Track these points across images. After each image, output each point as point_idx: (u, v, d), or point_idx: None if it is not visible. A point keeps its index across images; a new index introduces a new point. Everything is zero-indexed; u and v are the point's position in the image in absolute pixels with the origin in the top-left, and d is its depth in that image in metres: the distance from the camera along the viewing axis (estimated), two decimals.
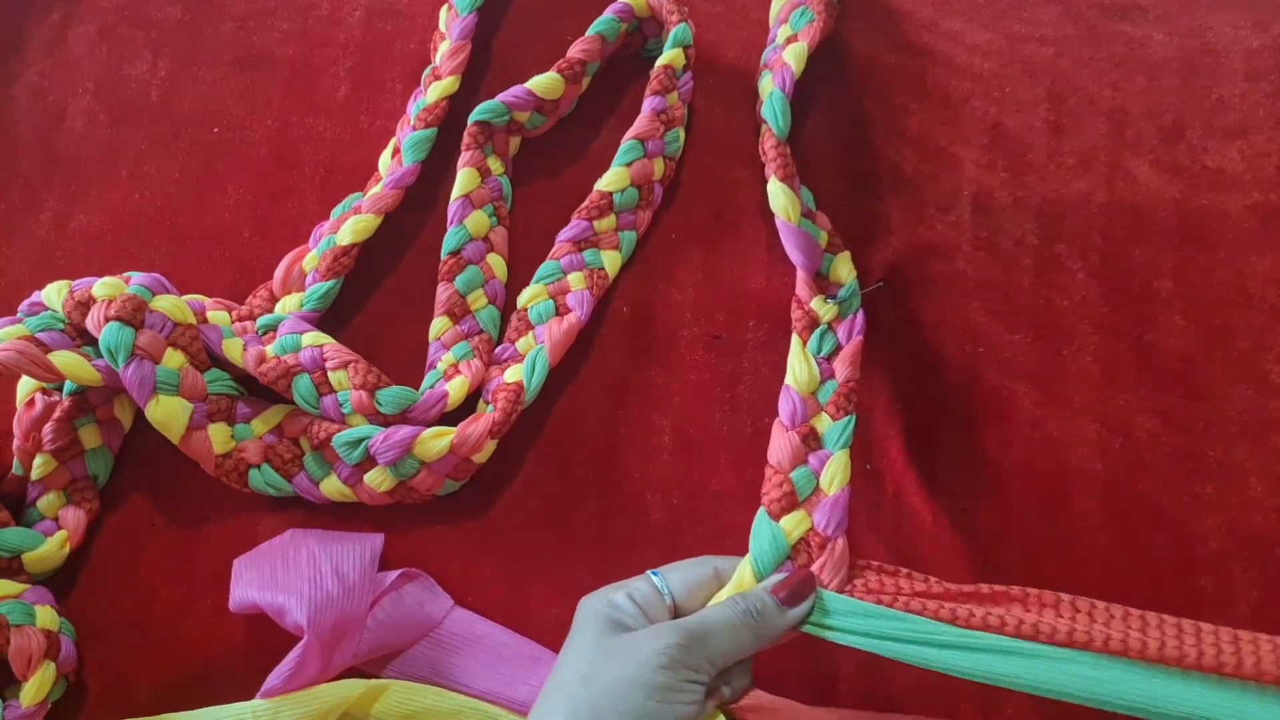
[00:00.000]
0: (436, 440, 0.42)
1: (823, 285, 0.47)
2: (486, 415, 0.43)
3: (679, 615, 0.36)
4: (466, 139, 0.49)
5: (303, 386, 0.43)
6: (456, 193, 0.48)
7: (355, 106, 0.52)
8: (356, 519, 0.44)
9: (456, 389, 0.44)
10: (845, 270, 0.47)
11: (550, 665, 0.41)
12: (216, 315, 0.45)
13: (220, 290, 0.48)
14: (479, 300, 0.47)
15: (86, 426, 0.44)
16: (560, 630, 0.42)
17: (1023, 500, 0.45)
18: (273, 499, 0.44)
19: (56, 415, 0.44)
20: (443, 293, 0.47)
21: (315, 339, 0.44)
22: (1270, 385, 0.46)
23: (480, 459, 0.43)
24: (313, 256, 0.47)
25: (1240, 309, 0.48)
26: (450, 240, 0.47)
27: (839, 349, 0.45)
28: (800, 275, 0.46)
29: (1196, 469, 0.45)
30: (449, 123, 0.50)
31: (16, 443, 0.44)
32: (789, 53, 0.48)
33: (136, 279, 0.43)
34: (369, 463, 0.42)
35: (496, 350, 0.47)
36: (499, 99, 0.49)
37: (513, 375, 0.44)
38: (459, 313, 0.47)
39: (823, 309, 0.45)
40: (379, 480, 0.42)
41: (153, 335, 0.41)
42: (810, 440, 0.42)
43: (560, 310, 0.46)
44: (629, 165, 0.49)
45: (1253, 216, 0.50)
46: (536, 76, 0.49)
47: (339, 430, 0.42)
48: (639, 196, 0.49)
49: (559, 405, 0.46)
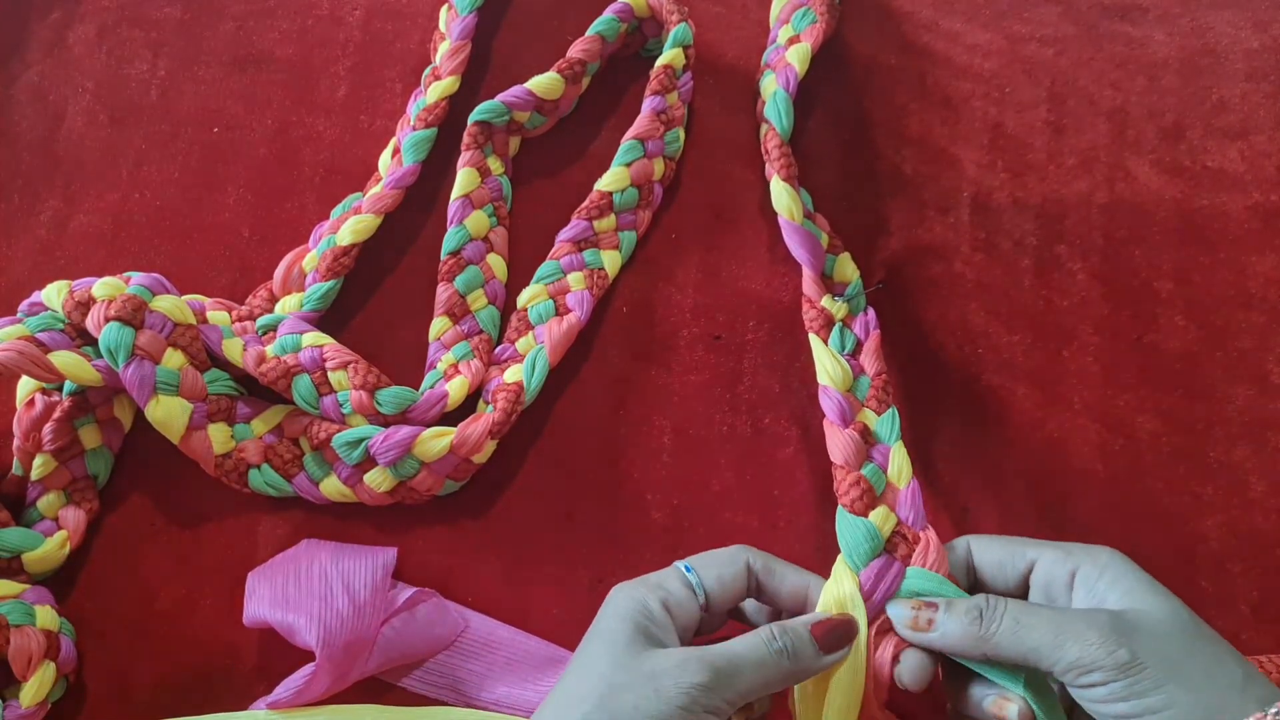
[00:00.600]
0: (436, 440, 0.42)
1: (828, 285, 0.47)
2: (486, 415, 0.43)
3: (709, 613, 0.35)
4: (466, 139, 0.49)
5: (303, 387, 0.43)
6: (456, 193, 0.48)
7: (355, 106, 0.52)
8: (356, 519, 0.44)
9: (456, 389, 0.44)
10: (849, 269, 0.47)
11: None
12: (216, 315, 0.45)
13: (220, 290, 0.48)
14: (479, 300, 0.47)
15: (86, 426, 0.44)
16: (560, 630, 0.42)
17: (1023, 500, 0.45)
18: (273, 499, 0.44)
19: (56, 415, 0.44)
20: (443, 293, 0.47)
21: (315, 339, 0.44)
22: (1270, 385, 0.46)
23: (480, 459, 0.43)
24: (313, 256, 0.47)
25: (1240, 309, 0.48)
26: (450, 240, 0.47)
27: (860, 345, 0.45)
28: (807, 274, 0.46)
29: (1196, 469, 0.45)
30: (449, 123, 0.50)
31: (16, 443, 0.44)
32: (792, 53, 0.48)
33: (136, 279, 0.43)
34: (369, 463, 0.42)
35: (496, 350, 0.47)
36: (499, 99, 0.49)
37: (513, 375, 0.44)
38: (459, 313, 0.47)
39: (834, 307, 0.45)
40: (379, 480, 0.42)
41: (153, 335, 0.41)
42: (866, 436, 0.41)
43: (560, 310, 0.46)
44: (629, 165, 0.49)
45: (1253, 217, 0.50)
46: (536, 76, 0.49)
47: (339, 430, 0.42)
48: (639, 196, 0.49)
49: (559, 405, 0.46)
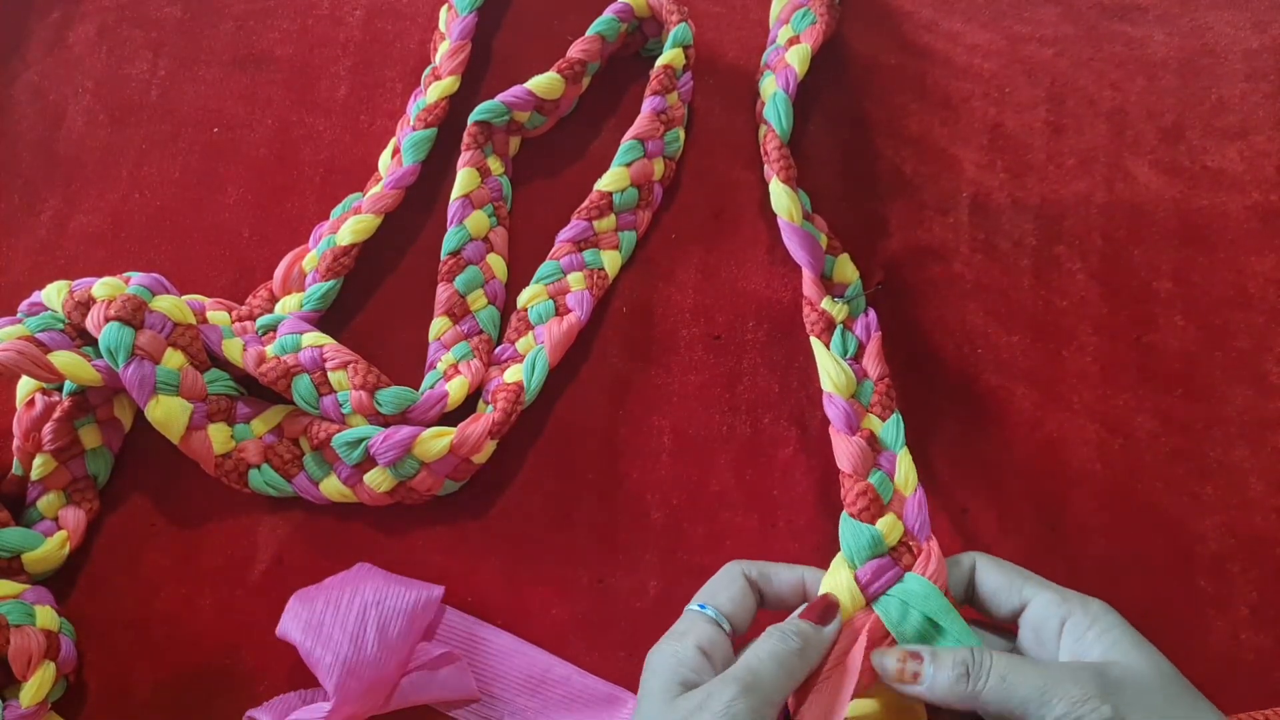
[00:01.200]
0: (436, 440, 0.42)
1: (827, 286, 0.47)
2: (486, 415, 0.43)
3: (738, 635, 0.36)
4: (466, 139, 0.49)
5: (303, 387, 0.43)
6: (456, 193, 0.48)
7: (355, 106, 0.52)
8: (356, 519, 0.44)
9: (456, 389, 0.44)
10: (849, 270, 0.47)
11: (625, 706, 0.40)
12: (216, 315, 0.45)
13: (220, 290, 0.48)
14: (479, 300, 0.47)
15: (86, 426, 0.44)
16: (561, 631, 0.43)
17: (1023, 500, 0.45)
18: (273, 499, 0.44)
19: (56, 415, 0.44)
20: (443, 293, 0.47)
21: (315, 339, 0.44)
22: (1270, 385, 0.46)
23: (480, 459, 0.43)
24: (313, 256, 0.47)
25: (1240, 309, 0.48)
26: (450, 240, 0.47)
27: (862, 348, 0.44)
28: (806, 275, 0.46)
29: (1196, 469, 0.45)
30: (449, 123, 0.50)
31: (16, 443, 0.44)
32: (792, 54, 0.48)
33: (136, 279, 0.43)
34: (369, 463, 0.42)
35: (496, 350, 0.47)
36: (499, 99, 0.49)
37: (513, 375, 0.44)
38: (459, 313, 0.47)
39: (834, 308, 0.45)
40: (379, 480, 0.42)
41: (153, 335, 0.41)
42: (873, 443, 0.41)
43: (560, 310, 0.47)
44: (629, 165, 0.49)
45: (1253, 217, 0.50)
46: (536, 76, 0.49)
47: (339, 430, 0.42)
48: (639, 196, 0.49)
49: (559, 405, 0.46)
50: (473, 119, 0.49)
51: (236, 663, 0.42)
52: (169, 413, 0.41)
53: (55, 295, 0.42)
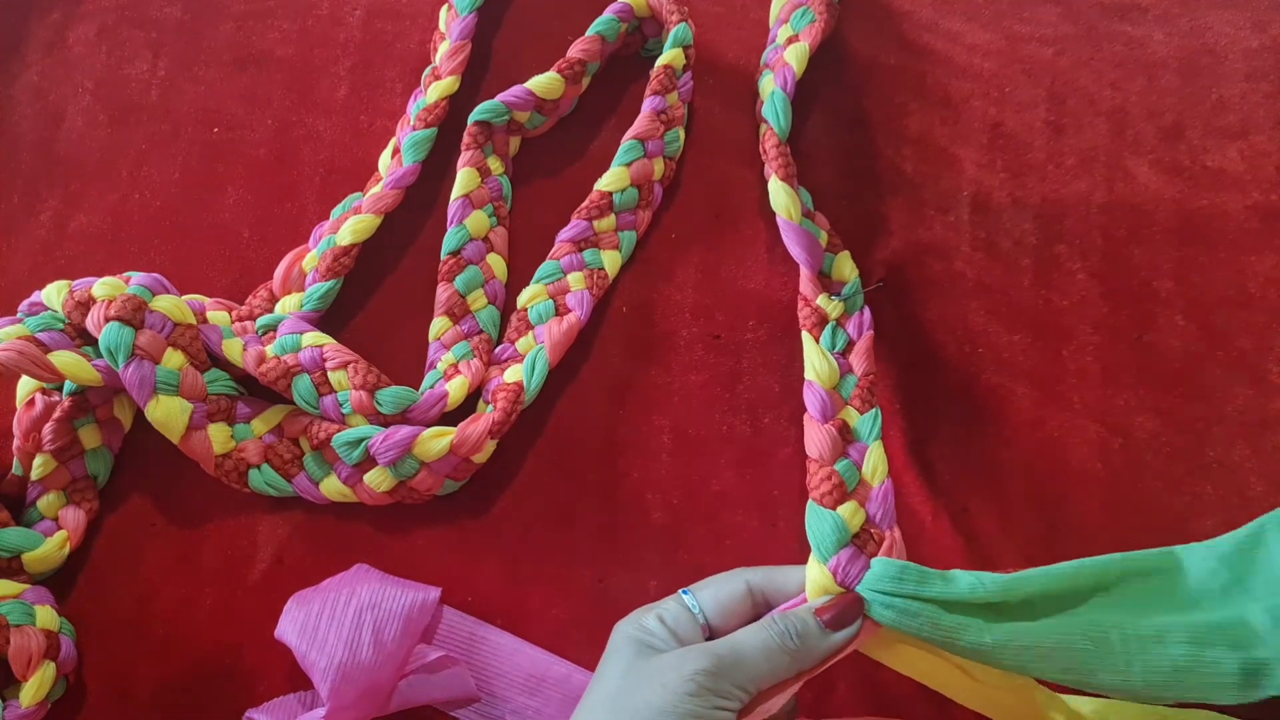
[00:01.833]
0: (436, 440, 0.42)
1: (825, 284, 0.47)
2: (486, 415, 0.43)
3: (714, 636, 0.34)
4: (466, 139, 0.49)
5: (303, 386, 0.43)
6: (456, 193, 0.48)
7: (355, 106, 0.52)
8: (356, 519, 0.44)
9: (456, 389, 0.44)
10: (848, 268, 0.47)
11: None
12: (216, 315, 0.45)
13: (220, 290, 0.48)
14: (479, 300, 0.47)
15: (86, 426, 0.44)
16: (560, 630, 0.43)
17: (1023, 500, 0.45)
18: (273, 499, 0.44)
19: (56, 415, 0.44)
20: (443, 293, 0.47)
21: (315, 339, 0.44)
22: (1270, 385, 0.46)
23: (480, 459, 0.43)
24: (313, 256, 0.47)
25: (1240, 309, 0.48)
26: (450, 240, 0.47)
27: (851, 344, 0.45)
28: (804, 273, 0.46)
29: (1196, 469, 0.45)
30: (449, 123, 0.50)
31: (16, 443, 0.44)
32: (790, 53, 0.48)
33: (136, 279, 0.43)
34: (369, 463, 0.42)
35: (496, 350, 0.47)
36: (499, 99, 0.49)
37: (513, 375, 0.44)
38: (459, 313, 0.47)
39: (829, 306, 0.45)
40: (379, 480, 0.42)
41: (153, 335, 0.41)
42: (845, 433, 0.41)
43: (560, 310, 0.47)
44: (629, 165, 0.49)
45: (1253, 216, 0.50)
46: (536, 76, 0.49)
47: (339, 430, 0.42)
48: (639, 196, 0.49)
49: (559, 405, 0.46)
50: (473, 119, 0.49)
51: (236, 663, 0.42)
52: (169, 413, 0.41)
53: (55, 295, 0.42)
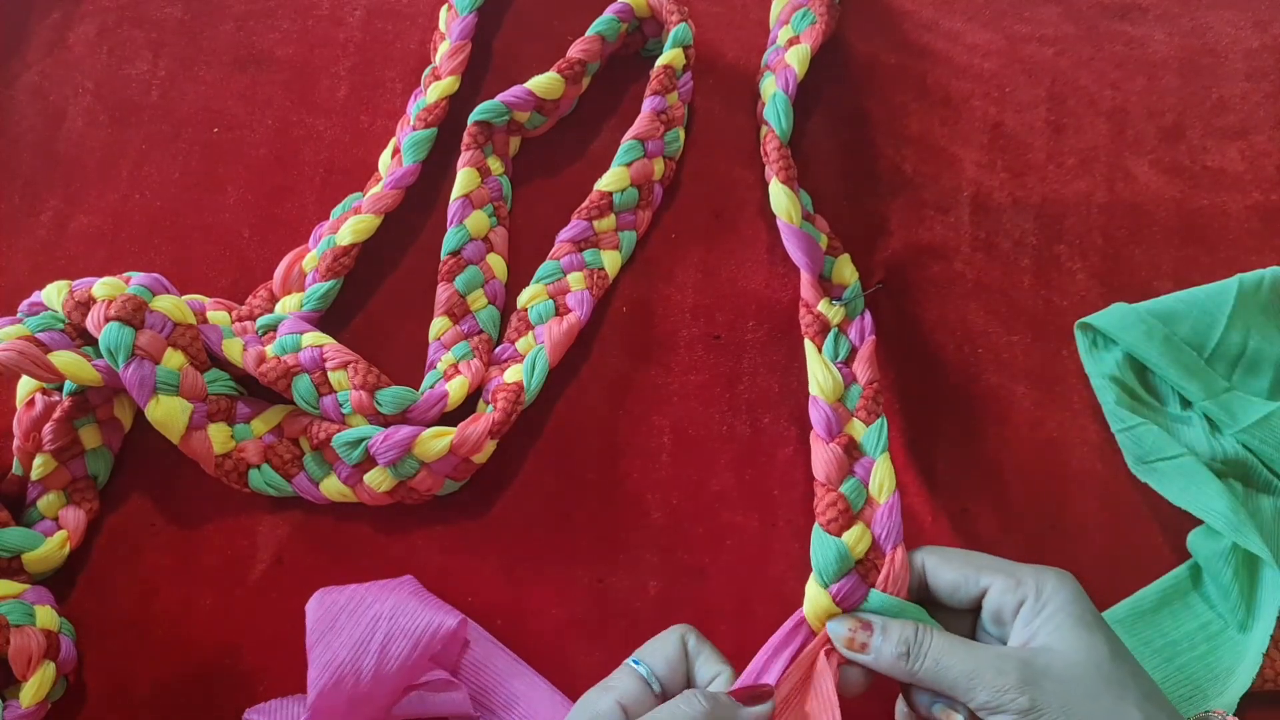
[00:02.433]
0: (436, 440, 0.42)
1: (826, 287, 0.47)
2: (486, 415, 0.43)
3: (668, 695, 0.35)
4: (466, 139, 0.49)
5: (303, 386, 0.43)
6: (456, 193, 0.48)
7: (355, 106, 0.52)
8: (356, 519, 0.44)
9: (456, 389, 0.44)
10: (848, 271, 0.47)
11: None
12: (216, 315, 0.45)
13: (220, 290, 0.48)
14: (479, 300, 0.47)
15: (86, 426, 0.44)
16: (560, 630, 0.43)
17: (1023, 500, 0.45)
18: (273, 499, 0.44)
19: (56, 415, 0.44)
20: (443, 293, 0.47)
21: (315, 339, 0.44)
22: None
23: (480, 459, 0.43)
24: (313, 256, 0.47)
25: None
26: (450, 240, 0.47)
27: (854, 351, 0.44)
28: (804, 278, 0.46)
29: None
30: (449, 123, 0.50)
31: (16, 443, 0.44)
32: (791, 55, 0.48)
33: (136, 279, 0.43)
34: (369, 463, 0.42)
35: (496, 350, 0.47)
36: (499, 99, 0.49)
37: (513, 375, 0.44)
38: (459, 313, 0.47)
39: (830, 311, 0.45)
40: (379, 480, 0.42)
41: (153, 335, 0.41)
42: (851, 449, 0.41)
43: (560, 310, 0.46)
44: (629, 165, 0.49)
45: (1253, 216, 0.50)
46: (536, 76, 0.49)
47: (339, 430, 0.42)
48: (639, 196, 0.49)
49: (559, 405, 0.46)
50: (473, 119, 0.49)
51: (236, 663, 0.42)
52: (169, 413, 0.41)
53: (55, 295, 0.42)
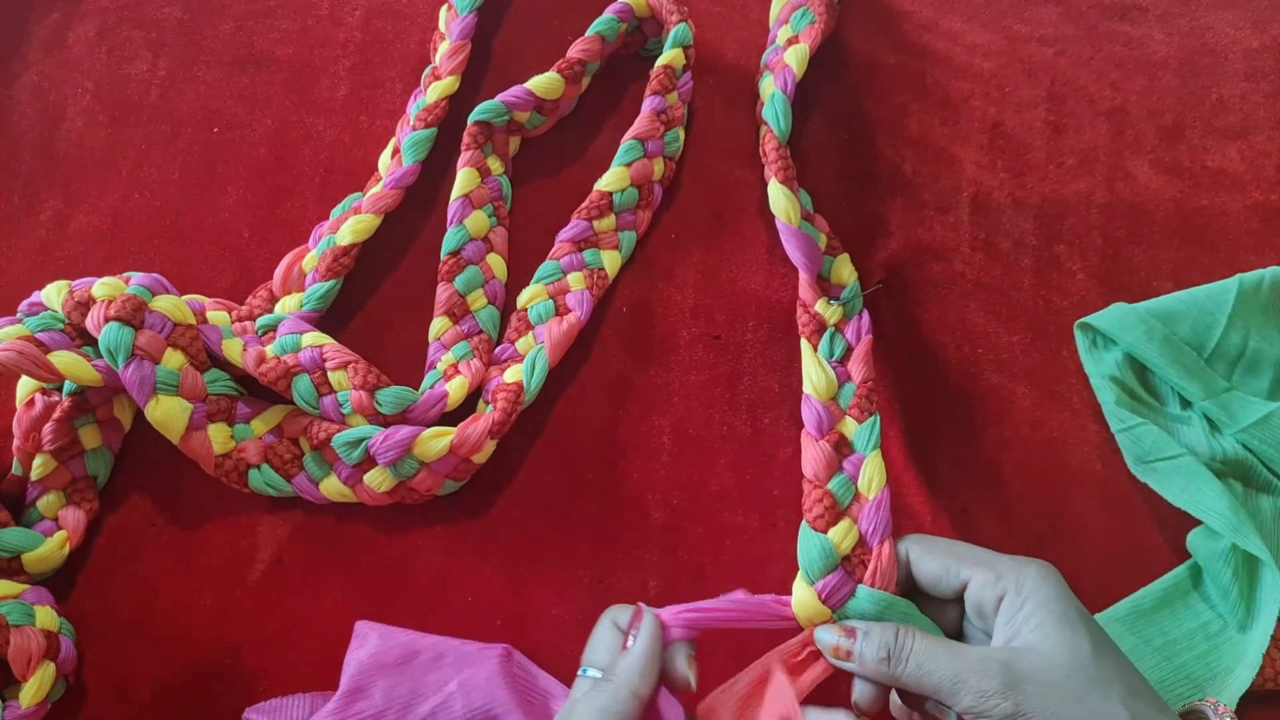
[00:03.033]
0: (436, 440, 0.42)
1: (824, 287, 0.47)
2: (486, 415, 0.43)
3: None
4: (466, 139, 0.49)
5: (302, 387, 0.43)
6: (456, 193, 0.48)
7: (355, 106, 0.52)
8: (356, 519, 0.44)
9: (456, 389, 0.44)
10: (846, 271, 0.47)
11: None
12: (216, 315, 0.45)
13: (220, 290, 0.48)
14: (479, 300, 0.47)
15: (86, 426, 0.44)
16: (560, 630, 0.43)
17: (1023, 500, 0.45)
18: (273, 499, 0.44)
19: (56, 415, 0.44)
20: (443, 293, 0.47)
21: (315, 339, 0.44)
22: None
23: (480, 459, 0.43)
24: (313, 256, 0.47)
25: None
26: (450, 240, 0.47)
27: (850, 350, 0.45)
28: (803, 278, 0.46)
29: None
30: (449, 123, 0.50)
31: (16, 443, 0.44)
32: (790, 54, 0.48)
33: (136, 279, 0.43)
34: (369, 463, 0.42)
35: (496, 350, 0.47)
36: (499, 99, 0.49)
37: (513, 375, 0.44)
38: (459, 313, 0.47)
39: (828, 311, 0.45)
40: (379, 480, 0.42)
41: (153, 335, 0.41)
42: (841, 447, 0.41)
43: (560, 310, 0.46)
44: (629, 165, 0.49)
45: (1253, 216, 0.50)
46: (536, 76, 0.49)
47: (339, 430, 0.42)
48: (639, 196, 0.49)
49: (559, 405, 0.46)
50: (473, 119, 0.49)
51: (236, 663, 0.42)
52: (169, 413, 0.41)
53: (55, 295, 0.42)
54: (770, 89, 0.48)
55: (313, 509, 0.44)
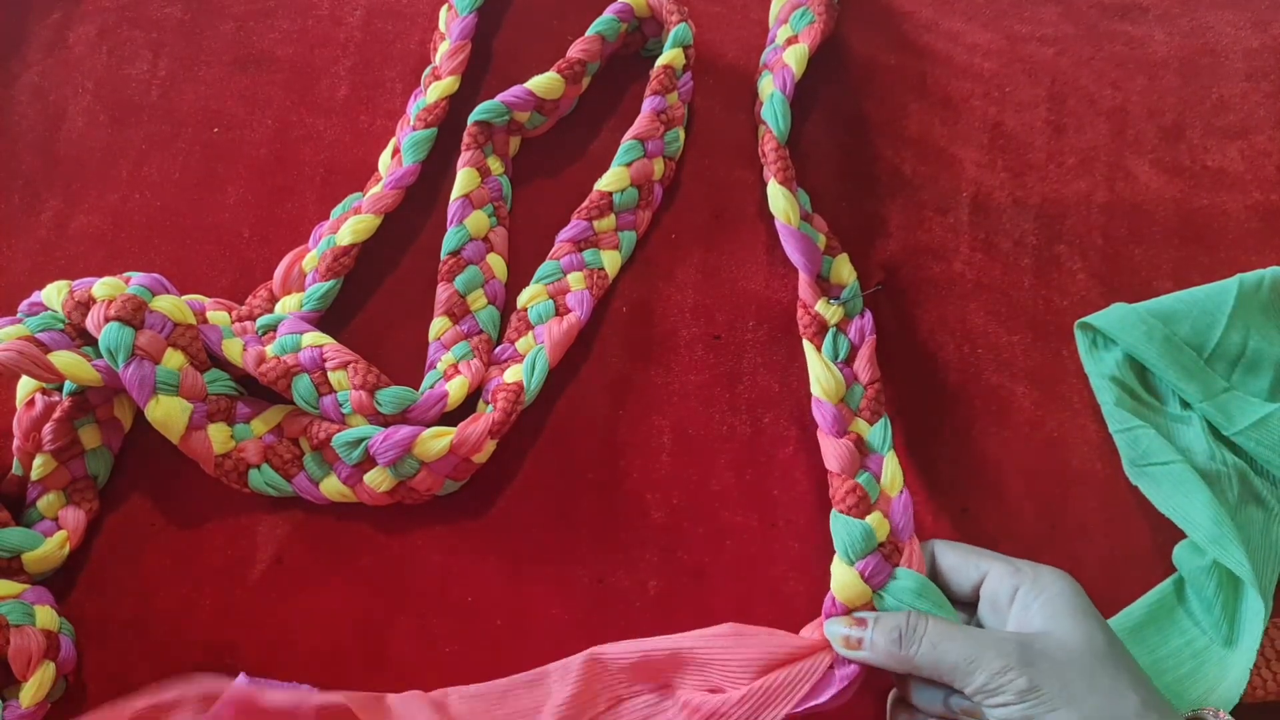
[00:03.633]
0: (436, 440, 0.42)
1: (824, 287, 0.47)
2: (486, 415, 0.43)
3: None
4: (466, 139, 0.49)
5: (302, 386, 0.43)
6: (456, 193, 0.48)
7: (355, 106, 0.52)
8: (356, 519, 0.44)
9: (456, 389, 0.44)
10: (846, 271, 0.47)
11: None
12: (216, 315, 0.45)
13: (220, 290, 0.48)
14: (479, 300, 0.47)
15: (86, 426, 0.44)
16: (560, 630, 0.43)
17: (1023, 500, 0.45)
18: (273, 499, 0.44)
19: (56, 415, 0.44)
20: (443, 293, 0.47)
21: (315, 339, 0.44)
22: None
23: (480, 459, 0.43)
24: (313, 256, 0.47)
25: None
26: (450, 240, 0.47)
27: (854, 351, 0.45)
28: (803, 278, 0.46)
29: None
30: (449, 123, 0.50)
31: (16, 443, 0.44)
32: (789, 54, 0.48)
33: (136, 279, 0.43)
34: (369, 463, 0.42)
35: (496, 350, 0.47)
36: (499, 99, 0.49)
37: (513, 375, 0.44)
38: (459, 313, 0.47)
39: (828, 311, 0.45)
40: (379, 480, 0.42)
41: (153, 335, 0.41)
42: (860, 446, 0.42)
43: (560, 310, 0.46)
44: (629, 165, 0.49)
45: (1253, 216, 0.50)
46: (536, 76, 0.49)
47: (339, 430, 0.42)
48: (639, 196, 0.49)
49: (559, 405, 0.46)
50: (473, 119, 0.49)
51: (237, 663, 0.42)
52: (169, 413, 0.41)
53: (55, 295, 0.42)
54: (769, 89, 0.48)
55: (313, 509, 0.44)
